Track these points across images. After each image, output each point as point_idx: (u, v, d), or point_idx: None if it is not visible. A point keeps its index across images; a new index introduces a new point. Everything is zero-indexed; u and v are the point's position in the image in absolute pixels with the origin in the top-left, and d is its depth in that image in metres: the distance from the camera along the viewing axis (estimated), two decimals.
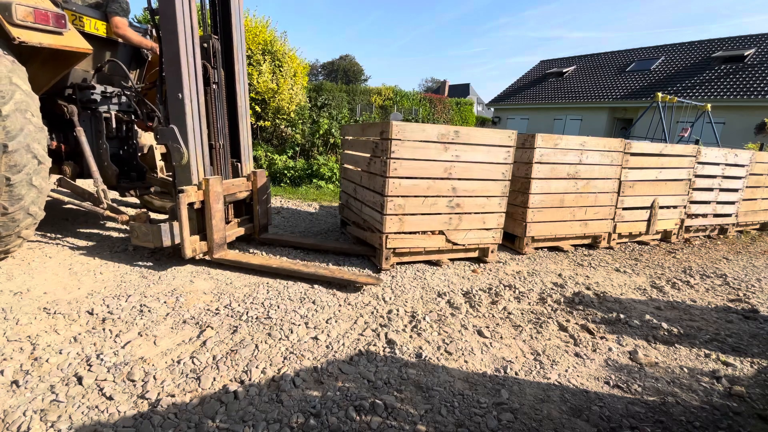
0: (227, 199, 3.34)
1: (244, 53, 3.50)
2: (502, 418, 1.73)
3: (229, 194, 3.35)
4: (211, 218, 3.06)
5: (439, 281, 3.23)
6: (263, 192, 3.71)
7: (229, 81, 3.45)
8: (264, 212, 3.78)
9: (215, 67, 3.25)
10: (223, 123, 3.40)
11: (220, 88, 3.33)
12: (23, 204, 2.70)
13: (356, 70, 54.87)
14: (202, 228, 3.15)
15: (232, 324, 2.35)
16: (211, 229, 3.09)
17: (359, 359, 2.09)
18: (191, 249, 3.00)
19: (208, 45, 3.19)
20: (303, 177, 7.70)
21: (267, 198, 3.79)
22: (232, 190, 3.38)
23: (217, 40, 3.28)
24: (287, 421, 1.63)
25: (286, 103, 8.27)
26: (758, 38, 18.18)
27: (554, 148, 3.84)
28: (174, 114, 2.95)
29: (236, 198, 3.49)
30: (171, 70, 2.89)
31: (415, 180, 3.21)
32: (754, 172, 5.45)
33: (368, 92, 14.76)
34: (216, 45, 3.24)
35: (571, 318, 2.73)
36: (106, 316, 2.35)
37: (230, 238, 3.38)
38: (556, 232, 4.15)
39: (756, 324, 2.83)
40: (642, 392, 1.99)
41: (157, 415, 1.62)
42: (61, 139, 3.69)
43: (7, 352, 1.95)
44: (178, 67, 2.85)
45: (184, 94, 2.89)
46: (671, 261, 4.26)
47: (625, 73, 21.64)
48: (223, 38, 3.36)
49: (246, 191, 3.59)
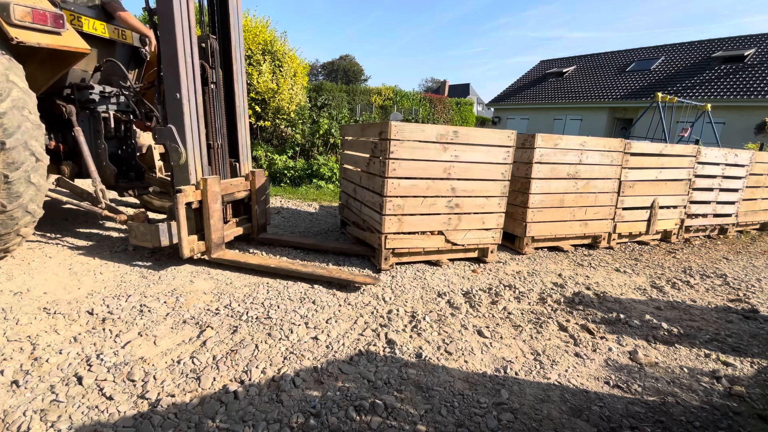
0: (225, 199, 3.34)
1: (243, 53, 3.50)
2: (502, 418, 1.73)
3: (227, 194, 3.35)
4: (208, 218, 3.06)
5: (439, 281, 3.23)
6: (262, 192, 3.71)
7: (228, 81, 3.46)
8: (263, 212, 3.78)
9: (213, 67, 3.25)
10: (222, 123, 3.41)
11: (218, 87, 3.33)
12: (22, 202, 2.70)
13: (356, 70, 54.88)
14: (200, 228, 3.15)
15: (232, 324, 2.35)
16: (209, 229, 3.09)
17: (359, 359, 2.09)
18: (189, 249, 3.01)
19: (206, 45, 3.20)
20: (303, 177, 7.70)
21: (266, 198, 3.79)
22: (231, 190, 3.39)
23: (215, 40, 3.28)
24: (287, 421, 1.63)
25: (286, 103, 8.27)
26: (758, 38, 18.17)
27: (554, 148, 3.84)
28: (172, 114, 2.95)
29: (234, 198, 3.49)
30: (169, 70, 2.89)
31: (414, 180, 3.21)
32: (754, 172, 5.45)
33: (368, 92, 14.76)
34: (214, 45, 3.25)
35: (571, 318, 2.73)
36: (106, 316, 2.35)
37: (228, 237, 3.39)
38: (556, 232, 4.15)
39: (756, 324, 2.83)
40: (642, 392, 1.99)
41: (157, 415, 1.62)
42: (60, 139, 3.69)
43: (7, 352, 1.95)
44: (176, 66, 2.85)
45: (182, 93, 2.89)
46: (671, 261, 4.26)
47: (625, 73, 21.64)
48: (221, 38, 3.37)
49: (244, 191, 3.60)
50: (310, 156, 8.62)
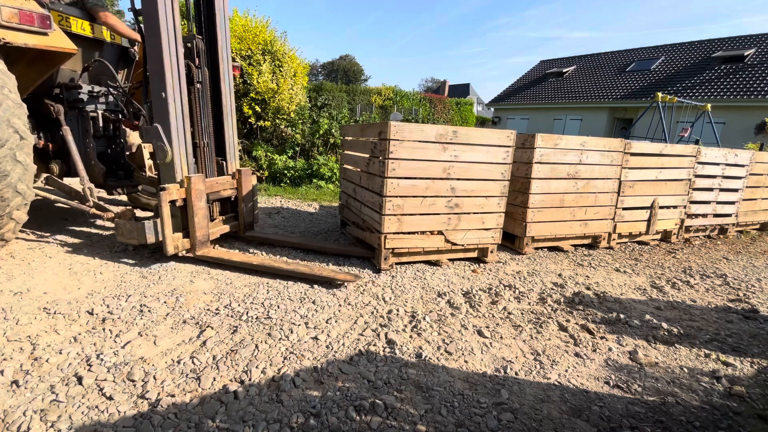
0: (211, 197, 3.38)
1: (229, 53, 3.54)
2: (502, 418, 1.73)
3: (213, 192, 3.38)
4: (193, 215, 3.10)
5: (439, 281, 3.23)
6: (248, 190, 3.73)
7: (215, 81, 3.48)
8: (249, 210, 3.80)
9: (199, 66, 3.29)
10: (208, 122, 3.44)
11: (204, 87, 3.36)
12: (10, 181, 2.69)
13: (356, 70, 54.89)
14: (185, 225, 3.18)
15: (232, 324, 2.35)
16: (193, 227, 3.13)
17: (359, 359, 2.09)
18: (173, 246, 3.05)
19: (192, 45, 3.23)
20: (303, 177, 7.70)
21: (253, 196, 3.81)
22: (216, 188, 3.41)
23: (201, 40, 3.32)
24: (287, 421, 1.63)
25: (286, 103, 8.27)
26: (758, 38, 18.18)
27: (554, 148, 3.84)
28: (158, 113, 2.99)
29: (221, 196, 3.52)
30: (154, 70, 2.93)
31: (414, 180, 3.21)
32: (754, 172, 5.45)
33: (368, 92, 14.75)
34: (200, 45, 3.29)
35: (571, 318, 2.73)
36: (106, 316, 2.35)
37: (214, 235, 3.42)
38: (556, 232, 4.15)
39: (756, 324, 2.83)
40: (642, 392, 1.99)
41: (157, 415, 1.62)
42: (49, 138, 3.72)
43: (7, 352, 1.95)
44: (161, 66, 2.89)
45: (167, 93, 2.93)
46: (671, 261, 4.26)
47: (625, 73, 21.64)
48: (207, 38, 3.40)
49: (231, 189, 3.63)
50: (310, 156, 8.62)
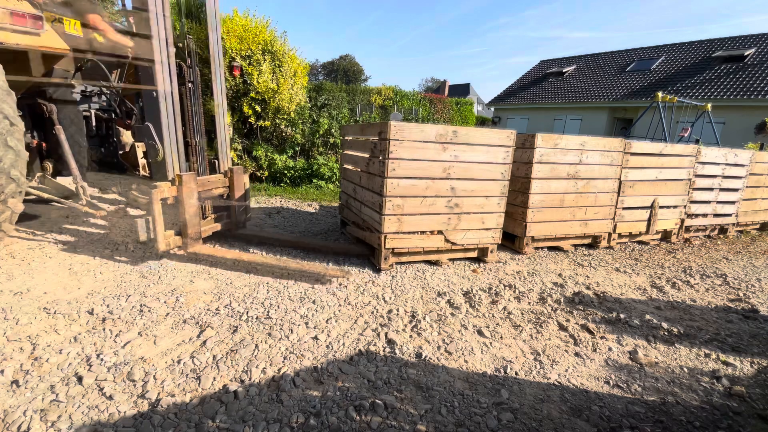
0: (203, 195, 3.40)
1: (221, 53, 3.55)
2: (502, 418, 1.73)
3: (205, 190, 3.40)
4: (184, 213, 3.13)
5: (439, 281, 3.23)
6: (241, 188, 3.75)
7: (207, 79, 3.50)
8: (241, 208, 3.82)
9: (191, 66, 3.30)
10: (200, 121, 3.46)
11: (196, 86, 3.38)
12: (3, 166, 2.70)
13: (356, 70, 54.86)
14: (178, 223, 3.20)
15: (232, 324, 2.35)
16: (185, 224, 3.16)
17: (359, 359, 2.09)
18: (165, 243, 3.08)
19: (183, 45, 3.25)
20: (303, 177, 7.69)
21: (245, 194, 3.82)
22: (208, 187, 3.44)
23: (192, 40, 3.34)
24: (287, 421, 1.63)
25: (286, 103, 8.26)
26: (758, 38, 18.17)
27: (554, 148, 3.84)
28: (149, 112, 3.01)
29: (213, 194, 3.54)
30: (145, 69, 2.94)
31: (414, 180, 3.21)
32: (754, 172, 5.45)
33: (368, 92, 14.74)
34: (191, 45, 3.31)
35: (571, 318, 2.73)
36: (106, 315, 2.35)
37: (206, 233, 3.44)
38: (556, 232, 4.15)
39: (756, 324, 2.83)
40: (642, 392, 1.99)
41: (157, 415, 1.62)
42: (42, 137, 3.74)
43: (7, 352, 1.95)
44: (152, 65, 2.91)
45: (159, 92, 2.95)
46: (671, 261, 4.26)
47: (625, 73, 21.63)
48: None
49: (223, 187, 3.64)
50: (310, 156, 8.61)
